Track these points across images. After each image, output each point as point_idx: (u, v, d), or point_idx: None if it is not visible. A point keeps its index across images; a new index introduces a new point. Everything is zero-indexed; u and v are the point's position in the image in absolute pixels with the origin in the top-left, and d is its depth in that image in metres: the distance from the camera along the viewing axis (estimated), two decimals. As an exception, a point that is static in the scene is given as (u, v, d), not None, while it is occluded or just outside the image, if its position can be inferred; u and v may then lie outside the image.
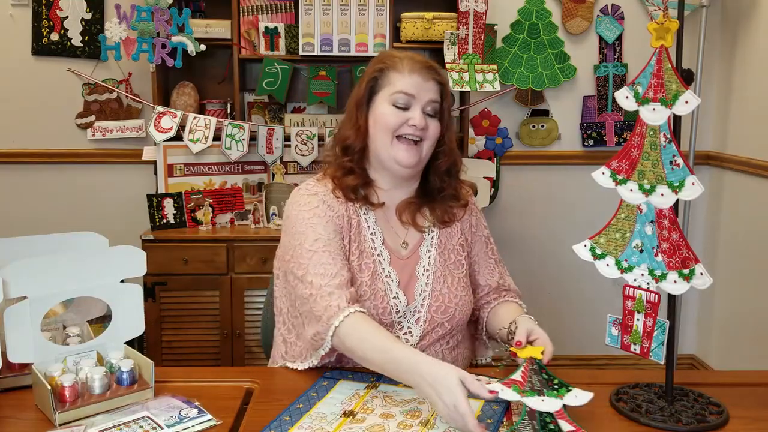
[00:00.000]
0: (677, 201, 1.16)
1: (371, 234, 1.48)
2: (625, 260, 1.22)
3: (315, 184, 1.52)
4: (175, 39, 2.70)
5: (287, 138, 2.88)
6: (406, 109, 1.45)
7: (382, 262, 1.47)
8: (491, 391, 1.09)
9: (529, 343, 1.30)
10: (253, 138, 2.86)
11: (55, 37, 3.01)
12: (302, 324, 1.42)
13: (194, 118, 2.80)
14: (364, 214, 1.49)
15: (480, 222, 1.62)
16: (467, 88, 2.82)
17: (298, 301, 1.42)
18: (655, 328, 1.19)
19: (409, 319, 1.46)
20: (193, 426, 1.17)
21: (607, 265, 1.24)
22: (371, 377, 1.34)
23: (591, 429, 1.16)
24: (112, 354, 1.30)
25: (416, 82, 1.45)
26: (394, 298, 1.45)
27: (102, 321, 1.40)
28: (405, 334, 1.46)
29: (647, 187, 1.18)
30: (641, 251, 1.20)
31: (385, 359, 1.23)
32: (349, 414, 1.20)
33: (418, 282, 1.48)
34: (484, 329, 1.57)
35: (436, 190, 1.54)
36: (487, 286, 1.59)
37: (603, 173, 1.23)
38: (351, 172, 1.49)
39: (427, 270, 1.50)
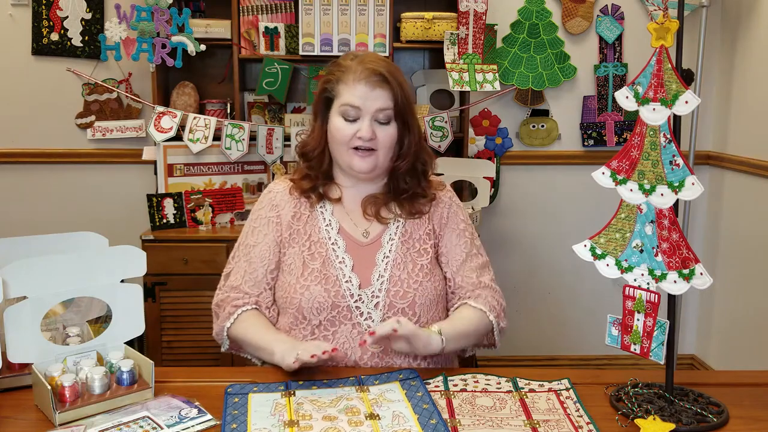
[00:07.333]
0: (677, 201, 1.16)
1: (326, 225, 1.55)
2: (625, 260, 1.22)
3: (279, 181, 1.64)
4: (175, 39, 2.70)
5: (287, 138, 2.88)
6: (356, 120, 1.48)
7: (336, 250, 1.52)
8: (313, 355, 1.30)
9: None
10: (253, 138, 2.86)
11: (55, 37, 3.01)
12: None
13: (194, 118, 2.80)
14: (320, 207, 1.57)
15: (457, 216, 1.62)
16: (467, 88, 2.82)
17: (217, 295, 1.61)
18: (655, 328, 1.19)
19: (367, 304, 1.50)
20: (193, 426, 1.17)
21: (607, 265, 1.24)
22: (279, 386, 1.31)
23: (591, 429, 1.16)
24: (112, 354, 1.30)
25: (362, 93, 1.48)
26: (346, 281, 1.49)
27: (102, 321, 1.40)
28: (365, 319, 1.49)
29: (647, 187, 1.18)
30: (641, 251, 1.20)
31: (260, 344, 1.46)
32: (292, 424, 1.17)
33: (376, 268, 1.52)
34: None
35: (402, 190, 1.57)
36: (452, 280, 1.58)
37: (603, 173, 1.23)
38: (306, 177, 1.58)
39: (387, 257, 1.53)
